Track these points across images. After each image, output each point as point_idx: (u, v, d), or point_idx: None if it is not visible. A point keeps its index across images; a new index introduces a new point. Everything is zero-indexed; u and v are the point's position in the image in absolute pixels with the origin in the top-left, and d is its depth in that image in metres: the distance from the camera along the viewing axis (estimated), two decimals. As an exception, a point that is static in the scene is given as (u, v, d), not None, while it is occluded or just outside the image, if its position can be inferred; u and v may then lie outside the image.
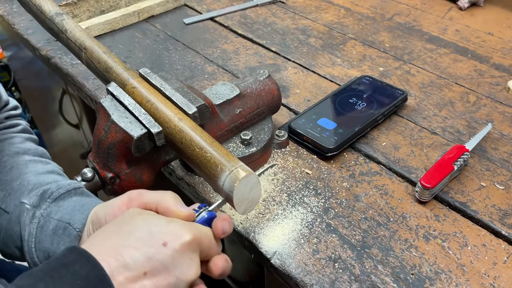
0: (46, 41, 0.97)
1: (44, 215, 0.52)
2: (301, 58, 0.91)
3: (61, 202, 0.54)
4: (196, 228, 0.44)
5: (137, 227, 0.42)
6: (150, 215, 0.45)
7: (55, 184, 0.56)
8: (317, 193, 0.63)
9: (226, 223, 0.46)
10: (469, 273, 0.53)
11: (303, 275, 0.53)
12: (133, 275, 0.39)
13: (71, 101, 1.16)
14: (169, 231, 0.42)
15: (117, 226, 0.43)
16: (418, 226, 0.58)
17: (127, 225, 0.42)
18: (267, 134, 0.66)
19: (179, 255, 0.41)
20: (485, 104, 0.78)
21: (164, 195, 0.47)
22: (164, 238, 0.41)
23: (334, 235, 0.57)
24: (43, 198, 0.54)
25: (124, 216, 0.44)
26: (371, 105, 0.74)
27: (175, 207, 0.45)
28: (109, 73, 0.59)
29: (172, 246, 0.41)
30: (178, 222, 0.44)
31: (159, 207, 0.46)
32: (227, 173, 0.45)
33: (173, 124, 0.51)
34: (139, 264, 0.39)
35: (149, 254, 0.40)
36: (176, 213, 0.45)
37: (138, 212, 0.45)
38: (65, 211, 0.52)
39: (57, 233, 0.51)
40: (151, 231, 0.42)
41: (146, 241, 0.41)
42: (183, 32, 1.00)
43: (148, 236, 0.41)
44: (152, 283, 0.40)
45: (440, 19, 1.03)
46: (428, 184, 0.59)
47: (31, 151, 0.62)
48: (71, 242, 0.51)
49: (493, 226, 0.58)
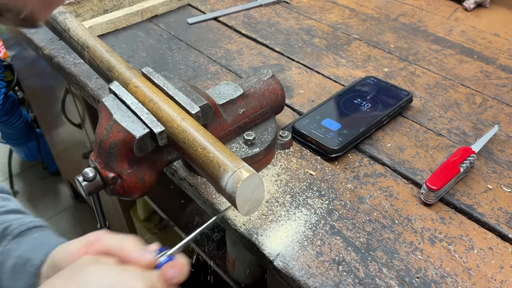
0: (49, 40, 0.96)
1: (4, 252, 0.51)
2: (305, 58, 0.90)
3: (21, 239, 0.52)
4: (150, 276, 0.43)
5: (87, 281, 0.41)
6: (101, 266, 0.43)
7: (17, 222, 0.55)
8: (321, 194, 0.62)
9: (171, 270, 0.44)
10: (475, 277, 0.52)
11: (307, 277, 0.52)
12: None
13: (73, 100, 1.16)
14: (121, 283, 0.41)
15: (67, 280, 0.42)
16: (424, 228, 0.57)
17: (76, 279, 0.41)
18: (270, 135, 0.65)
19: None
20: (491, 105, 0.77)
21: (124, 241, 0.45)
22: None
23: (338, 237, 0.56)
24: (3, 235, 0.53)
25: (74, 266, 0.43)
26: (376, 106, 0.74)
27: (135, 255, 0.44)
28: (112, 72, 0.58)
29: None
30: (131, 272, 0.42)
31: (120, 254, 0.45)
32: (230, 173, 0.45)
33: (176, 124, 0.50)
34: None
35: None
36: (137, 261, 0.44)
37: (90, 261, 0.43)
38: (25, 247, 0.51)
39: (16, 269, 0.50)
40: (102, 285, 0.40)
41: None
42: (186, 32, 0.99)
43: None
44: None
45: (446, 20, 1.03)
46: (434, 186, 0.58)
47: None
48: (30, 279, 0.49)
49: (500, 229, 0.57)
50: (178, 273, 0.44)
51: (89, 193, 0.55)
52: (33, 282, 0.49)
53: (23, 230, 0.54)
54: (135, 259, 0.44)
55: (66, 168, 1.79)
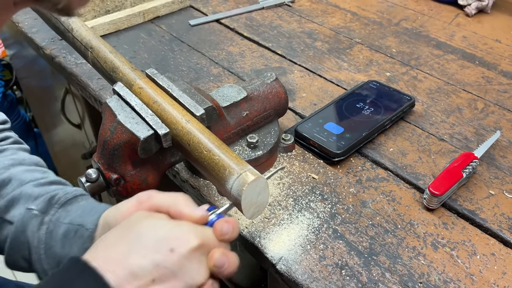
0: (51, 40, 0.96)
1: (53, 220, 0.52)
2: (307, 61, 0.90)
3: (69, 207, 0.53)
4: (203, 231, 0.43)
5: (143, 233, 0.41)
6: (156, 219, 0.43)
7: (62, 190, 0.55)
8: (323, 198, 0.62)
9: (226, 225, 0.44)
10: (478, 282, 0.52)
11: (310, 281, 0.52)
12: (141, 284, 0.39)
13: (73, 101, 1.16)
14: (176, 236, 0.42)
15: (123, 232, 0.42)
16: (426, 233, 0.57)
17: (133, 231, 0.42)
18: (273, 138, 0.65)
19: (187, 260, 0.41)
20: (493, 111, 0.78)
21: (176, 198, 0.46)
22: (171, 243, 0.41)
23: (341, 241, 0.56)
24: (50, 204, 0.53)
25: (129, 220, 0.43)
26: (378, 110, 0.74)
27: (188, 210, 0.44)
28: (116, 73, 0.58)
29: (180, 252, 0.41)
30: (184, 226, 0.43)
31: (172, 210, 0.45)
32: (235, 176, 0.45)
33: (181, 126, 0.50)
34: (147, 272, 0.39)
35: (156, 261, 0.40)
36: (190, 216, 0.44)
37: (144, 215, 0.44)
38: (75, 214, 0.52)
39: (68, 236, 0.51)
40: (158, 237, 0.41)
41: (153, 248, 0.40)
42: (188, 34, 0.99)
43: (154, 243, 0.41)
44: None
45: (447, 25, 1.03)
46: (437, 191, 0.58)
47: (26, 161, 0.61)
48: (84, 243, 0.50)
49: (502, 235, 0.57)
50: (231, 229, 0.44)
51: (92, 194, 0.55)
52: (87, 246, 0.49)
53: (69, 198, 0.54)
54: (187, 215, 0.44)
55: (64, 169, 1.78)
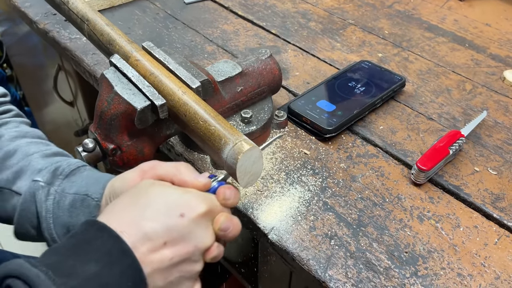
0: (44, 14, 0.95)
1: (59, 191, 0.53)
2: (301, 41, 0.91)
3: (73, 178, 0.54)
4: (209, 198, 0.46)
5: (153, 199, 0.43)
6: (165, 186, 0.46)
7: (66, 162, 0.56)
8: (314, 172, 0.64)
9: (228, 191, 0.47)
10: (460, 252, 0.54)
11: (300, 250, 0.54)
12: (154, 246, 0.41)
13: (66, 78, 1.15)
14: (185, 202, 0.44)
15: (133, 198, 0.44)
16: (413, 207, 0.59)
17: (143, 197, 0.44)
18: (267, 114, 0.67)
19: (196, 225, 0.43)
20: (480, 92, 0.80)
21: (179, 167, 0.48)
22: (181, 209, 0.43)
23: (330, 213, 0.58)
24: (55, 175, 0.54)
25: (139, 187, 0.45)
26: (369, 90, 0.75)
27: (192, 178, 0.46)
28: (113, 46, 0.59)
29: (189, 217, 0.43)
30: (192, 193, 0.45)
31: (175, 179, 0.47)
32: (231, 145, 0.46)
33: (177, 97, 0.51)
34: (159, 235, 0.41)
35: (167, 225, 0.42)
36: (193, 184, 0.46)
37: (152, 183, 0.46)
38: (80, 184, 0.53)
39: (75, 206, 0.52)
40: (168, 203, 0.43)
41: (164, 213, 0.42)
42: (183, 11, 0.99)
43: (165, 208, 0.43)
44: (171, 252, 0.42)
45: (439, 8, 1.04)
46: (424, 166, 0.60)
47: (30, 134, 0.62)
48: (91, 212, 0.52)
49: (485, 209, 0.59)
50: (233, 194, 0.47)
51: (89, 164, 0.56)
52: (94, 215, 0.51)
53: (73, 169, 0.55)
54: (191, 182, 0.46)
55: (55, 147, 1.77)
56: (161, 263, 0.41)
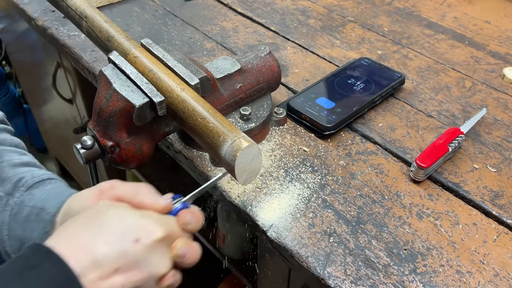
0: (43, 11, 0.95)
1: (18, 203, 0.51)
2: (301, 38, 0.91)
3: (34, 190, 0.52)
4: (168, 222, 0.44)
5: (108, 221, 0.41)
6: (122, 208, 0.43)
7: (30, 173, 0.55)
8: (313, 170, 0.63)
9: (189, 215, 0.45)
10: (459, 249, 0.54)
11: (299, 247, 0.54)
12: (104, 272, 0.39)
13: (65, 75, 1.15)
14: (142, 226, 0.42)
15: (87, 219, 0.42)
16: (412, 204, 0.59)
17: (98, 219, 0.41)
18: (266, 111, 0.66)
19: (151, 251, 0.41)
20: (480, 90, 0.79)
21: (139, 188, 0.46)
22: (136, 233, 0.41)
23: (329, 210, 0.58)
24: (16, 186, 0.53)
25: (94, 208, 0.43)
26: (369, 87, 0.75)
27: (151, 201, 0.45)
28: (111, 42, 0.59)
29: (145, 242, 0.41)
30: (150, 216, 0.43)
31: (134, 200, 0.45)
32: (229, 143, 0.46)
33: (176, 94, 0.51)
34: (111, 260, 0.39)
35: (120, 250, 0.40)
36: (153, 206, 0.45)
37: (109, 204, 0.43)
38: (39, 198, 0.51)
39: (30, 219, 0.50)
40: (123, 227, 0.41)
41: (118, 237, 0.40)
42: (182, 8, 0.99)
43: (120, 232, 0.41)
44: (123, 278, 0.39)
45: (439, 5, 1.04)
46: (423, 163, 0.60)
47: (7, 142, 0.60)
48: (44, 227, 0.50)
49: (484, 207, 0.59)
50: (195, 219, 0.45)
51: (87, 161, 0.56)
52: (48, 230, 0.49)
53: (36, 181, 0.53)
54: (150, 205, 0.45)
55: (54, 145, 1.77)
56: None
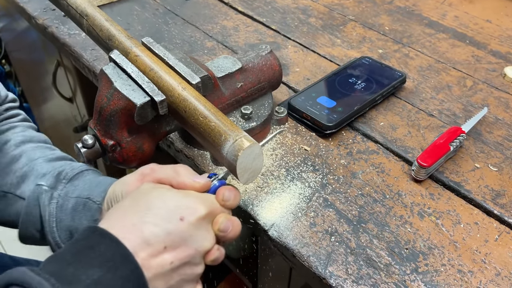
0: (43, 10, 0.95)
1: (62, 195, 0.53)
2: (301, 37, 0.91)
3: (76, 182, 0.55)
4: (209, 200, 0.46)
5: (153, 203, 0.43)
6: (165, 189, 0.46)
7: (69, 166, 0.57)
8: (315, 169, 0.63)
9: (227, 192, 0.47)
10: (461, 249, 0.54)
11: (300, 246, 0.54)
12: (154, 250, 0.41)
13: (65, 73, 1.15)
14: (185, 205, 0.44)
15: (134, 202, 0.44)
16: (413, 203, 0.59)
17: (143, 201, 0.44)
18: (267, 110, 0.66)
19: (196, 228, 0.44)
20: (481, 89, 0.79)
21: (177, 169, 0.48)
22: (181, 212, 0.43)
23: (331, 209, 0.58)
24: (58, 179, 0.55)
25: (139, 191, 0.46)
26: (370, 86, 0.75)
27: (190, 180, 0.47)
28: (112, 41, 0.58)
29: (189, 220, 0.43)
30: (192, 196, 0.45)
31: (174, 181, 0.47)
32: (231, 142, 0.46)
33: (177, 93, 0.51)
34: (159, 239, 0.41)
35: (168, 229, 0.42)
36: (192, 186, 0.47)
37: (152, 187, 0.46)
38: (82, 188, 0.54)
39: (77, 209, 0.52)
40: (168, 207, 0.43)
41: (164, 217, 0.42)
42: (182, 7, 0.99)
43: (165, 212, 0.43)
44: (172, 256, 0.42)
45: (440, 4, 1.04)
46: (425, 163, 0.60)
47: (35, 138, 0.63)
48: (93, 216, 0.52)
49: (486, 206, 0.59)
50: (233, 195, 0.47)
51: (88, 160, 0.55)
52: (96, 218, 0.52)
53: (76, 173, 0.55)
54: (190, 184, 0.47)
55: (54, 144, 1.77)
56: (161, 268, 0.41)
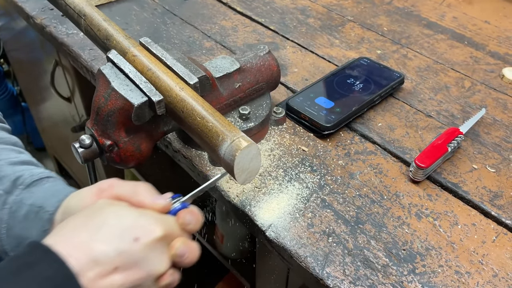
0: (41, 9, 0.95)
1: (17, 201, 0.51)
2: (300, 37, 0.91)
3: (34, 188, 0.52)
4: (168, 222, 0.44)
5: (107, 220, 0.41)
6: (121, 207, 0.44)
7: (28, 172, 0.54)
8: (312, 169, 0.63)
9: (189, 215, 0.45)
10: (458, 250, 0.54)
11: (298, 247, 0.54)
12: (104, 270, 0.39)
13: (63, 73, 1.15)
14: (141, 225, 0.42)
15: (86, 218, 0.42)
16: (411, 204, 0.59)
17: (97, 218, 0.41)
18: (265, 110, 0.66)
19: (150, 250, 0.41)
20: (479, 90, 0.79)
21: (137, 187, 0.46)
22: (135, 233, 0.41)
23: (328, 210, 0.58)
24: (15, 184, 0.52)
25: (94, 207, 0.43)
26: (368, 86, 0.75)
27: (150, 200, 0.45)
28: (110, 41, 0.58)
29: (144, 242, 0.41)
30: (149, 216, 0.43)
31: (133, 200, 0.45)
32: (228, 142, 0.46)
33: (175, 93, 0.51)
34: (110, 259, 0.39)
35: (120, 249, 0.40)
36: (151, 206, 0.45)
37: (108, 203, 0.44)
38: (38, 196, 0.51)
39: (29, 217, 0.50)
40: (122, 225, 0.41)
41: (117, 236, 0.40)
42: (181, 7, 0.99)
43: (119, 231, 0.41)
44: (122, 277, 0.39)
45: (438, 5, 1.04)
46: (423, 164, 0.60)
47: (4, 140, 0.60)
48: (43, 226, 0.49)
49: (483, 207, 0.59)
50: (194, 219, 0.45)
51: (86, 160, 0.55)
52: (46, 229, 0.49)
53: (34, 180, 0.53)
54: (149, 204, 0.45)
55: (52, 144, 1.77)
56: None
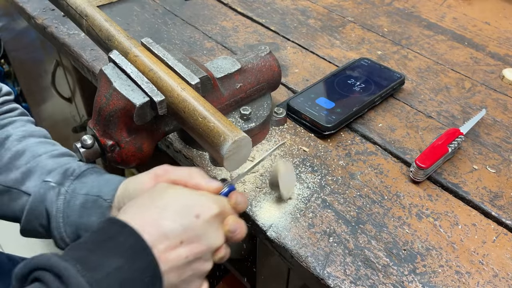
0: (42, 10, 0.95)
1: (69, 192, 0.54)
2: (300, 38, 0.91)
3: (84, 179, 0.55)
4: (222, 200, 0.49)
5: (170, 200, 0.46)
6: (181, 189, 0.48)
7: (75, 163, 0.57)
8: (313, 170, 0.64)
9: (240, 196, 0.50)
10: (459, 250, 0.54)
11: (299, 247, 0.54)
12: (172, 244, 0.43)
13: (64, 73, 1.15)
14: (200, 204, 0.46)
15: (151, 199, 0.46)
16: (412, 204, 0.60)
17: (160, 199, 0.46)
18: (266, 111, 0.66)
19: (209, 225, 0.46)
20: (479, 90, 0.80)
21: (192, 171, 0.50)
22: (196, 210, 0.46)
23: (329, 210, 0.58)
24: (65, 176, 0.55)
25: (156, 189, 0.48)
26: (369, 87, 0.75)
27: (205, 182, 0.49)
28: (111, 41, 0.59)
29: (204, 218, 0.46)
30: (207, 195, 0.48)
31: (190, 183, 0.49)
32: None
33: (176, 94, 0.51)
34: (176, 234, 0.44)
35: (184, 225, 0.44)
36: (207, 187, 0.49)
37: (168, 186, 0.48)
38: (91, 185, 0.54)
39: (86, 206, 0.53)
40: (184, 204, 0.46)
41: (181, 214, 0.45)
42: (182, 8, 0.99)
43: (182, 209, 0.45)
44: (187, 250, 0.44)
45: (439, 6, 1.04)
46: (423, 164, 0.60)
47: (36, 133, 0.62)
48: (103, 213, 0.53)
49: (484, 207, 0.60)
50: (244, 200, 0.50)
51: (87, 160, 0.56)
52: (106, 214, 0.53)
53: (83, 170, 0.56)
54: (205, 186, 0.49)
55: (53, 144, 1.77)
56: (177, 261, 0.43)
